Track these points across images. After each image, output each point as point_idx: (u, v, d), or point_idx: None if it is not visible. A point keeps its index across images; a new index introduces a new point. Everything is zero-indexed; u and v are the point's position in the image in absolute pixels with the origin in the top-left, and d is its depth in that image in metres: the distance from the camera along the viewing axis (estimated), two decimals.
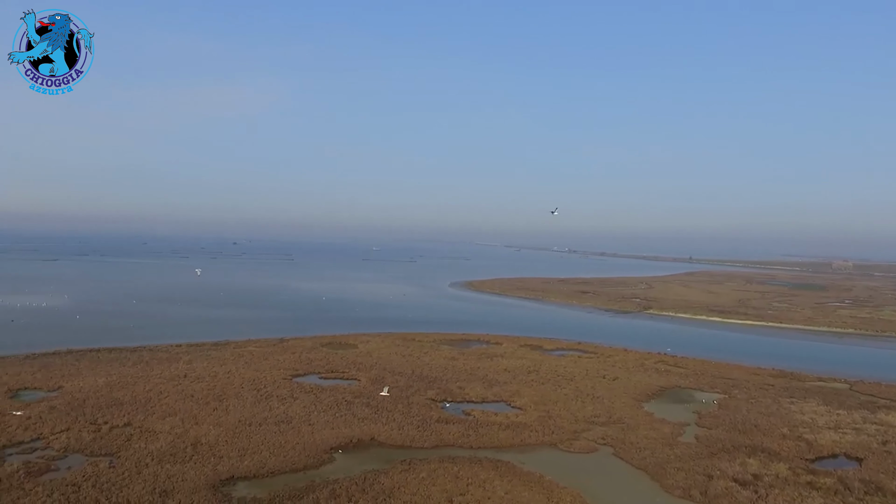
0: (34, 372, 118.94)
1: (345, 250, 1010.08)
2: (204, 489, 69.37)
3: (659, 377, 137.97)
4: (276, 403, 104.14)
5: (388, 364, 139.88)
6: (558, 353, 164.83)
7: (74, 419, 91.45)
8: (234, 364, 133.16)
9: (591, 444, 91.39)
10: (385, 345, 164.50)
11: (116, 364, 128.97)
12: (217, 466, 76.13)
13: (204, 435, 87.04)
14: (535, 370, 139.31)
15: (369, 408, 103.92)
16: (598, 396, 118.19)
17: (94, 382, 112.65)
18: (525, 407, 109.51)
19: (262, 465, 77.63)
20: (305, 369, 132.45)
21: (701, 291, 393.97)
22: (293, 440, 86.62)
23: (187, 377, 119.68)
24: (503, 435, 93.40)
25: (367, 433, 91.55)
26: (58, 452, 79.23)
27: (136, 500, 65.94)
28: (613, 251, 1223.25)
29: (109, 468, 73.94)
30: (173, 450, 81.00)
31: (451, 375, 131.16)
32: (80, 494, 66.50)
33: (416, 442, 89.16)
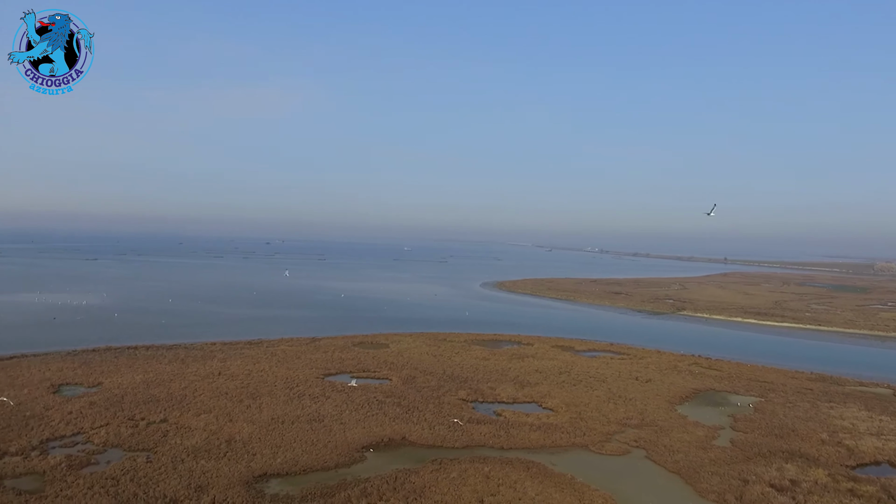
0: (75, 368, 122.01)
1: (376, 250, 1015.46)
2: (238, 485, 70.39)
3: (693, 379, 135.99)
4: (308, 402, 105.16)
5: (420, 364, 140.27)
6: (590, 354, 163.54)
7: (113, 415, 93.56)
8: (267, 363, 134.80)
9: (623, 447, 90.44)
10: (416, 345, 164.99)
11: (153, 361, 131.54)
12: (250, 463, 77.16)
13: (238, 432, 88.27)
14: (566, 371, 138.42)
15: (400, 407, 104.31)
16: (631, 398, 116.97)
17: (131, 379, 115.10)
18: (556, 408, 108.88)
19: (295, 462, 78.45)
20: (337, 368, 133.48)
21: (736, 293, 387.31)
22: (325, 438, 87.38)
23: (222, 375, 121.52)
24: (534, 436, 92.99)
25: (399, 432, 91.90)
26: (98, 447, 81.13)
27: (172, 494, 67.18)
28: (646, 251, 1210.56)
29: (147, 463, 75.45)
30: (208, 446, 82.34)
31: (482, 376, 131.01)
32: (118, 488, 68.01)
33: (446, 442, 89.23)
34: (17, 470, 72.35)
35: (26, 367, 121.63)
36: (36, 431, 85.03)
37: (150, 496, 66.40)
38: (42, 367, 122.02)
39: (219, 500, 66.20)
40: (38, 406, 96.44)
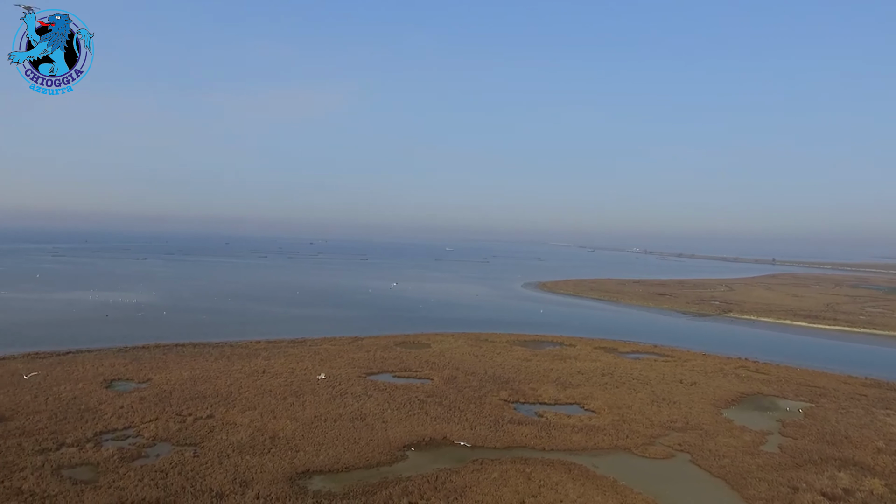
0: (126, 364, 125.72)
1: (418, 250, 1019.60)
2: (281, 481, 71.59)
3: (739, 383, 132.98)
4: (350, 400, 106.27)
5: (461, 364, 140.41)
6: (633, 356, 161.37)
7: (162, 410, 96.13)
8: (310, 361, 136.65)
9: (667, 450, 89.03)
10: (458, 345, 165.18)
11: (200, 359, 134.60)
12: (294, 460, 78.38)
13: (281, 429, 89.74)
14: (609, 373, 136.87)
15: (442, 407, 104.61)
16: (675, 401, 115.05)
17: (179, 375, 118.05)
18: (599, 410, 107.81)
19: (337, 459, 79.40)
20: (379, 367, 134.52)
21: (785, 294, 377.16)
22: (367, 437, 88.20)
23: (266, 373, 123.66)
24: (576, 437, 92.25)
25: (440, 432, 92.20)
26: (147, 440, 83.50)
27: (218, 488, 68.72)
28: (691, 252, 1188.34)
29: (194, 458, 77.29)
30: (253, 442, 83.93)
31: (523, 376, 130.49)
32: (167, 481, 69.89)
33: (487, 442, 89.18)
34: (73, 460, 75.08)
35: (81, 362, 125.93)
36: (90, 424, 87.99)
37: (196, 490, 68.05)
38: (95, 362, 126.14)
39: (263, 496, 67.45)
40: (92, 400, 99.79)
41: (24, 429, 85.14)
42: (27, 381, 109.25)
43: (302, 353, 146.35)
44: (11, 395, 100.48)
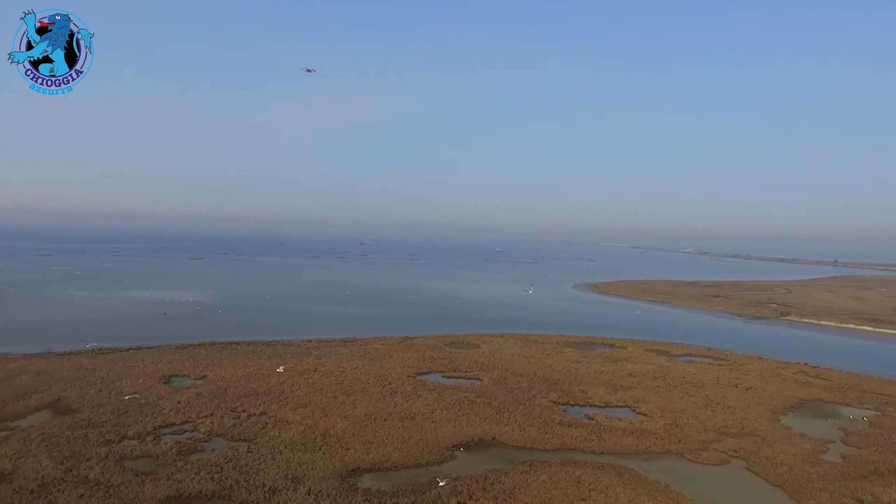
0: (183, 361, 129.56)
1: (468, 251, 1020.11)
2: (332, 478, 72.72)
3: (798, 389, 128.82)
4: (400, 400, 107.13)
5: (510, 365, 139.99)
6: (686, 359, 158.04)
7: (217, 406, 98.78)
8: (360, 360, 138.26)
9: (721, 456, 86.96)
10: (507, 345, 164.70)
11: (254, 356, 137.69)
12: (344, 457, 79.49)
13: (332, 427, 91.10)
14: (661, 376, 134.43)
15: (491, 408, 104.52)
16: (730, 406, 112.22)
17: (234, 373, 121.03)
18: (650, 413, 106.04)
19: (387, 458, 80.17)
20: (429, 367, 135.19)
21: (848, 297, 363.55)
22: (416, 436, 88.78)
23: (317, 371, 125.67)
24: (627, 441, 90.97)
25: (489, 433, 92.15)
26: (203, 435, 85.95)
27: (270, 483, 70.25)
28: (747, 253, 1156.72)
29: (247, 453, 79.16)
30: (304, 439, 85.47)
31: (573, 378, 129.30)
32: (222, 475, 71.82)
33: (536, 444, 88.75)
34: (134, 452, 77.92)
35: (141, 358, 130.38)
36: (150, 418, 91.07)
37: (250, 484, 69.72)
38: (154, 358, 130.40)
39: (314, 492, 68.63)
40: (151, 395, 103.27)
41: (89, 421, 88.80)
42: (92, 375, 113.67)
43: (352, 352, 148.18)
44: (78, 389, 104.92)
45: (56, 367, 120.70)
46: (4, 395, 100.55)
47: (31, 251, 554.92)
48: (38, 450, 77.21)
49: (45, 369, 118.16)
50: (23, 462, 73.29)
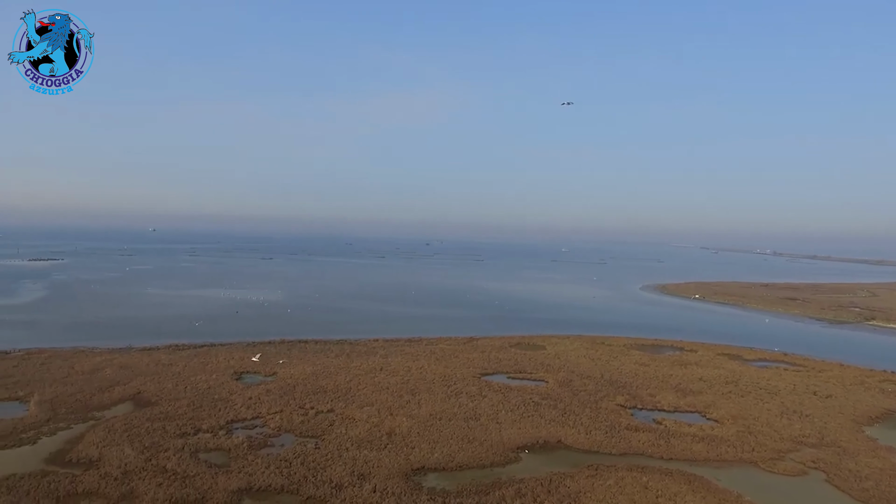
0: (254, 358, 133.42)
1: (533, 252, 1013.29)
2: (397, 476, 73.53)
3: (884, 398, 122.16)
4: (465, 400, 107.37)
5: (576, 367, 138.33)
6: (760, 364, 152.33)
7: (286, 402, 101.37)
8: (426, 360, 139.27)
9: (798, 467, 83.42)
10: (573, 347, 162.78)
11: (321, 355, 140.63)
12: (409, 456, 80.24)
13: (398, 426, 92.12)
14: (733, 381, 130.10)
15: (556, 410, 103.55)
16: (808, 415, 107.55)
17: (302, 370, 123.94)
18: (722, 420, 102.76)
19: (451, 458, 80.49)
20: (494, 368, 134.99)
21: None
22: (481, 437, 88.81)
23: (383, 370, 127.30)
24: (697, 447, 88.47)
25: (554, 435, 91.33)
26: (273, 431, 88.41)
27: (337, 480, 71.60)
28: (826, 254, 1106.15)
29: (315, 449, 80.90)
30: (370, 437, 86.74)
31: (641, 382, 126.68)
32: (291, 470, 73.67)
33: (603, 447, 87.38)
34: (208, 445, 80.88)
35: (214, 354, 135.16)
36: (223, 413, 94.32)
37: (317, 480, 71.25)
38: (227, 355, 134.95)
39: (379, 489, 69.55)
40: (223, 390, 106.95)
41: (167, 414, 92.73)
42: (169, 370, 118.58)
43: (418, 351, 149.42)
44: (157, 383, 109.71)
45: (137, 361, 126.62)
46: (91, 386, 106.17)
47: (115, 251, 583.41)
48: (121, 439, 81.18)
49: (127, 363, 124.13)
50: (108, 450, 77.24)
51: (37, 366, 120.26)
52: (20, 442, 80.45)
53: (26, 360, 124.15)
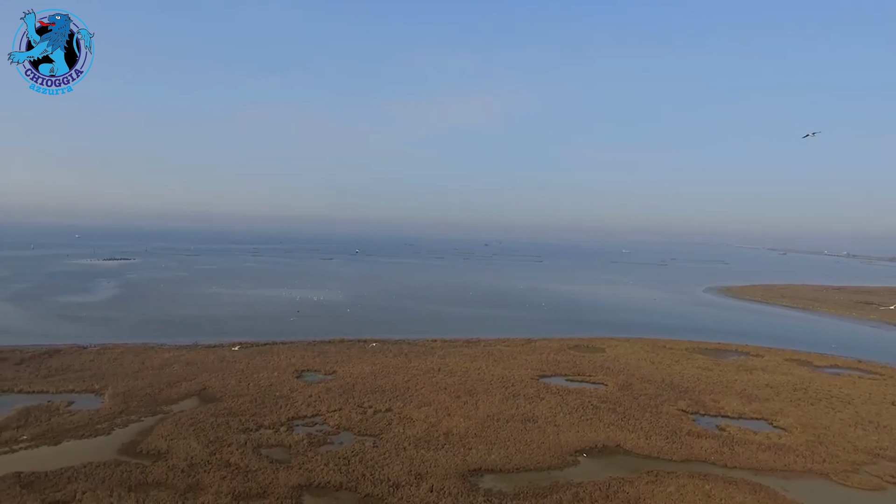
0: (314, 357, 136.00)
1: (593, 253, 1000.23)
2: (454, 476, 73.61)
3: None
4: (522, 402, 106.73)
5: (637, 370, 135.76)
6: (832, 371, 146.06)
7: (345, 401, 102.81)
8: (483, 361, 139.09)
9: (875, 481, 79.45)
10: (633, 350, 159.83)
11: (380, 355, 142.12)
12: (466, 457, 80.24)
13: (455, 426, 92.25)
14: (802, 388, 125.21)
15: (616, 414, 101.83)
16: (885, 426, 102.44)
17: (361, 370, 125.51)
18: (790, 428, 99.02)
19: (508, 460, 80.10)
20: (552, 370, 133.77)
21: None
22: (538, 439, 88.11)
23: (441, 371, 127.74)
24: (763, 456, 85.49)
25: (613, 439, 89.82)
26: (332, 428, 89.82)
27: (395, 479, 72.17)
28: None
29: (373, 448, 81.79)
30: (427, 437, 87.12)
31: (703, 387, 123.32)
32: (349, 468, 74.67)
33: (664, 453, 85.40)
34: (269, 441, 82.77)
35: (276, 353, 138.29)
36: (284, 410, 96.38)
37: (375, 478, 71.98)
38: (288, 354, 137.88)
39: (436, 489, 69.77)
40: (285, 388, 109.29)
41: (230, 409, 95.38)
42: (233, 367, 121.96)
43: (476, 353, 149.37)
44: (221, 379, 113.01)
45: (202, 357, 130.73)
46: (160, 381, 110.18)
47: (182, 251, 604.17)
48: (188, 433, 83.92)
49: (193, 360, 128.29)
50: (175, 443, 79.99)
51: (111, 360, 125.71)
52: (96, 432, 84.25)
53: (101, 355, 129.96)
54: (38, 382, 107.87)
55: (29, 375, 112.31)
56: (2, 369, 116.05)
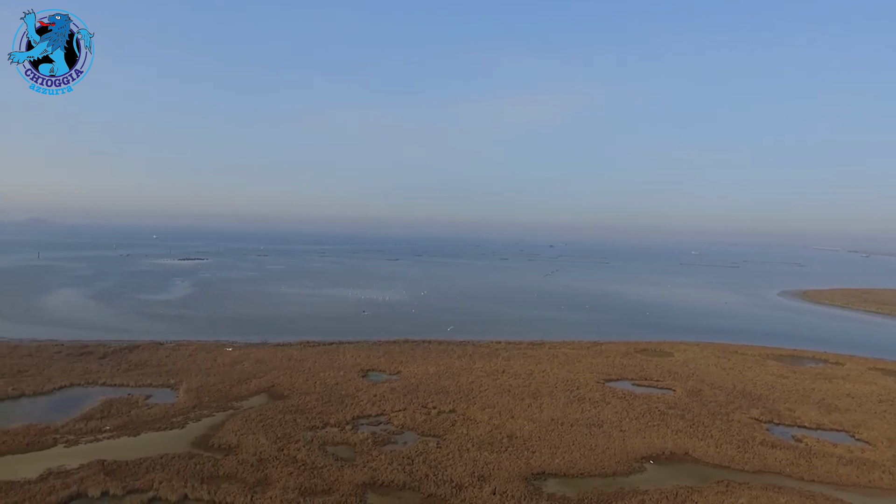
0: (379, 357, 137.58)
1: (660, 254, 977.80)
2: (517, 479, 73.03)
3: None
4: (587, 406, 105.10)
5: (706, 376, 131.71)
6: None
7: (409, 401, 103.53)
8: (548, 363, 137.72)
9: None
10: (703, 355, 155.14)
11: (444, 355, 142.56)
12: (530, 460, 79.50)
13: (519, 429, 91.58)
14: (888, 399, 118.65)
15: (684, 420, 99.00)
16: None
17: (425, 370, 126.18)
18: (874, 441, 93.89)
19: (573, 464, 78.94)
20: (618, 374, 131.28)
21: None
22: (603, 444, 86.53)
23: (505, 373, 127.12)
24: (844, 471, 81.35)
25: (681, 447, 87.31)
26: (396, 428, 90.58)
27: (458, 480, 72.14)
28: None
29: (437, 448, 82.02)
30: (491, 439, 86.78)
31: (778, 395, 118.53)
32: (413, 467, 75.08)
33: (735, 463, 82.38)
34: (335, 439, 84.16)
35: (342, 352, 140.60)
36: (349, 409, 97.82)
37: (438, 479, 72.12)
38: (354, 353, 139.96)
39: (499, 492, 69.36)
40: (350, 387, 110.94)
41: (298, 407, 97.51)
42: (300, 365, 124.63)
43: (540, 355, 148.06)
44: (289, 377, 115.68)
45: (271, 356, 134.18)
46: (231, 378, 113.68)
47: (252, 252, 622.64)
48: (257, 429, 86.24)
49: (263, 358, 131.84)
50: (245, 438, 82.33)
51: (185, 356, 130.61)
52: (171, 425, 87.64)
53: (177, 351, 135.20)
54: (119, 376, 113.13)
55: (111, 369, 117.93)
56: (87, 362, 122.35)
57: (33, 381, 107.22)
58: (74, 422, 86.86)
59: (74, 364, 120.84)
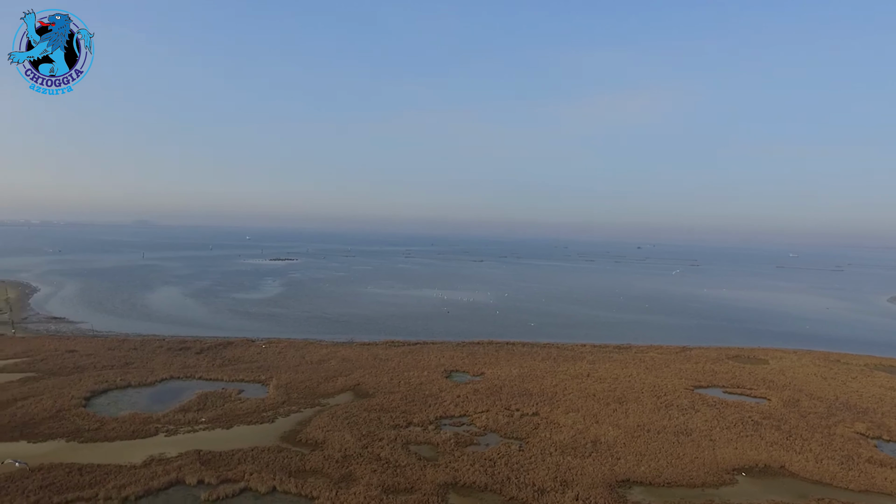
0: (463, 357, 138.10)
1: (755, 256, 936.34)
2: (601, 486, 71.53)
3: None
4: (675, 413, 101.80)
5: (805, 385, 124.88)
6: None
7: (493, 403, 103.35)
8: (635, 368, 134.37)
9: None
10: (802, 363, 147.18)
11: (528, 357, 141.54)
12: (614, 467, 77.73)
13: (603, 434, 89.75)
14: None
15: (780, 432, 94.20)
16: None
17: (509, 372, 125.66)
18: None
19: (659, 473, 76.62)
20: (708, 381, 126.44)
21: None
22: (692, 453, 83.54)
23: (590, 377, 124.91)
24: None
25: (776, 460, 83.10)
26: (479, 429, 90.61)
27: (540, 484, 71.39)
28: None
29: (519, 451, 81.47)
30: (574, 444, 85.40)
31: (887, 409, 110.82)
32: (494, 469, 74.87)
33: (836, 480, 77.53)
34: (418, 438, 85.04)
35: (426, 352, 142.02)
36: (432, 409, 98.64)
37: (520, 482, 71.61)
38: (438, 353, 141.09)
39: (582, 498, 68.16)
40: (434, 387, 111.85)
41: (382, 405, 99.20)
42: (385, 365, 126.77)
43: (627, 359, 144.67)
44: (374, 376, 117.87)
45: (357, 354, 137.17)
46: (318, 376, 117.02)
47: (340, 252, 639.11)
48: (342, 425, 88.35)
49: (349, 356, 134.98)
50: (331, 434, 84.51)
51: (276, 353, 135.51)
52: (262, 420, 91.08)
53: (268, 348, 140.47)
54: (214, 371, 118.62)
55: (207, 364, 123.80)
56: (185, 357, 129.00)
57: (138, 372, 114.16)
58: (174, 413, 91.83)
59: (174, 358, 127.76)
